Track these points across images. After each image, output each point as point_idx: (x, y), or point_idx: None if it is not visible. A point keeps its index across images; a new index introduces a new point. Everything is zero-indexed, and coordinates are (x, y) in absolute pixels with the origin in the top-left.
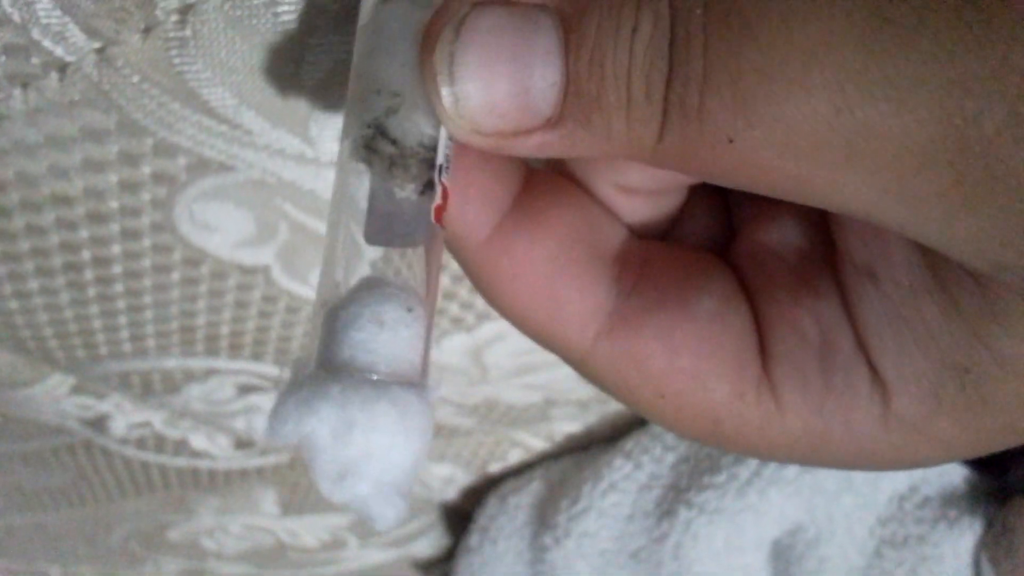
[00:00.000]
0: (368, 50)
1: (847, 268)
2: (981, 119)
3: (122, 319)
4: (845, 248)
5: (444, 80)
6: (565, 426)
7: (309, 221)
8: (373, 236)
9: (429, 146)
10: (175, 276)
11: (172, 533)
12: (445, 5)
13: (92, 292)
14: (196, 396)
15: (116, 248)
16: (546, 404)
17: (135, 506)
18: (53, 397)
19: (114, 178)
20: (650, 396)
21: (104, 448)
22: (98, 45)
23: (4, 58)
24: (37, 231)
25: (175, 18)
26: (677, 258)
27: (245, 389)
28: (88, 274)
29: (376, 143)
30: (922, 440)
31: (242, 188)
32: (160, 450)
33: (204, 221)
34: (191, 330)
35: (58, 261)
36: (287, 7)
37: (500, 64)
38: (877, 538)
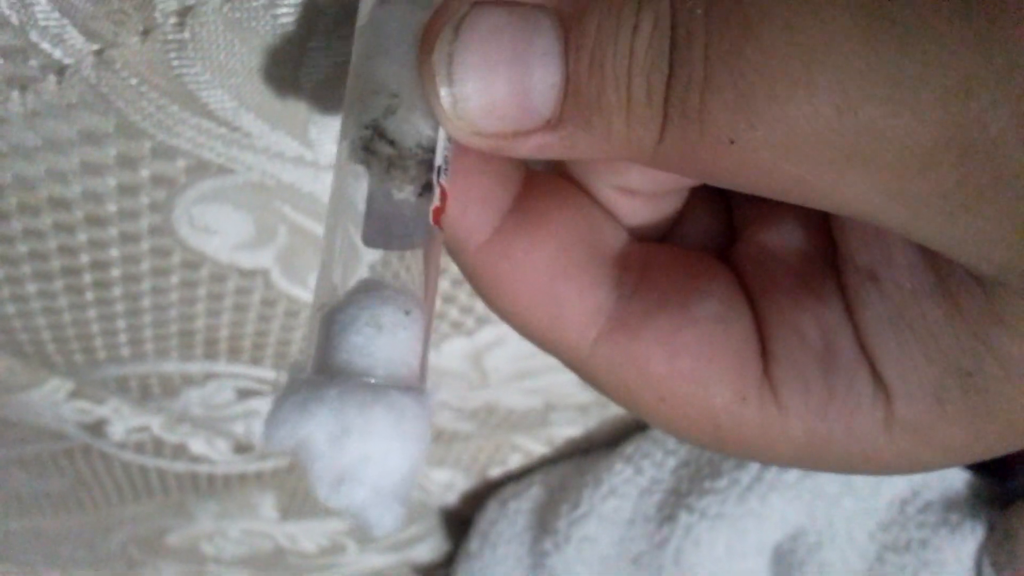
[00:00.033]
0: (366, 51)
1: (849, 270)
2: (985, 120)
3: (120, 323)
4: (846, 250)
5: (443, 81)
6: (565, 430)
7: (308, 224)
8: (371, 238)
9: (427, 147)
10: (174, 279)
11: (171, 538)
12: (444, 5)
13: (90, 296)
14: (195, 400)
15: (114, 252)
16: (546, 408)
17: (134, 511)
18: (51, 401)
19: (112, 181)
20: (651, 399)
21: (103, 453)
22: (96, 47)
23: (2, 60)
24: (35, 234)
25: (174, 20)
26: (678, 260)
27: (244, 393)
28: (86, 278)
29: (374, 144)
30: (925, 444)
31: (241, 191)
32: (159, 454)
33: (203, 224)
34: (190, 334)
35: (56, 265)
36: (286, 9)
37: (499, 65)
38: (878, 543)
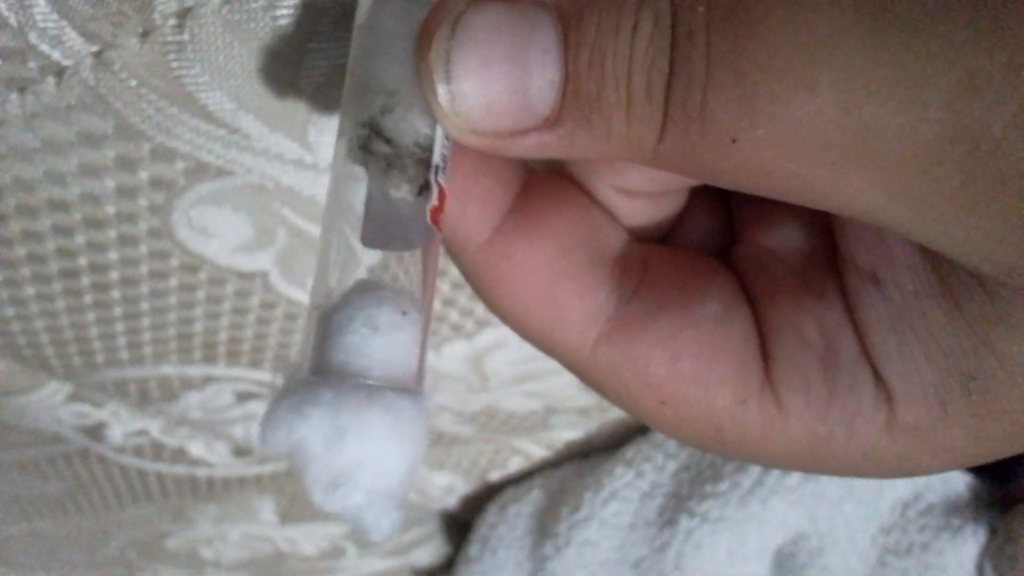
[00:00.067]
0: (363, 49)
1: (850, 271)
2: (990, 119)
3: (119, 326)
4: (848, 251)
5: (440, 78)
6: (566, 434)
7: (308, 226)
8: (370, 239)
9: (425, 146)
10: (172, 282)
11: (170, 542)
12: (442, 2)
13: (89, 299)
14: (194, 404)
15: (113, 254)
16: (546, 412)
17: (133, 515)
18: (50, 405)
19: (111, 183)
20: (651, 402)
21: (101, 456)
22: (95, 49)
23: (1, 62)
24: (34, 237)
25: (173, 22)
26: (678, 261)
27: (243, 396)
28: (85, 280)
29: (371, 143)
30: (927, 447)
31: (240, 193)
32: (158, 458)
33: (202, 226)
34: (189, 337)
35: (55, 267)
36: (285, 11)
37: (497, 62)
38: (880, 546)
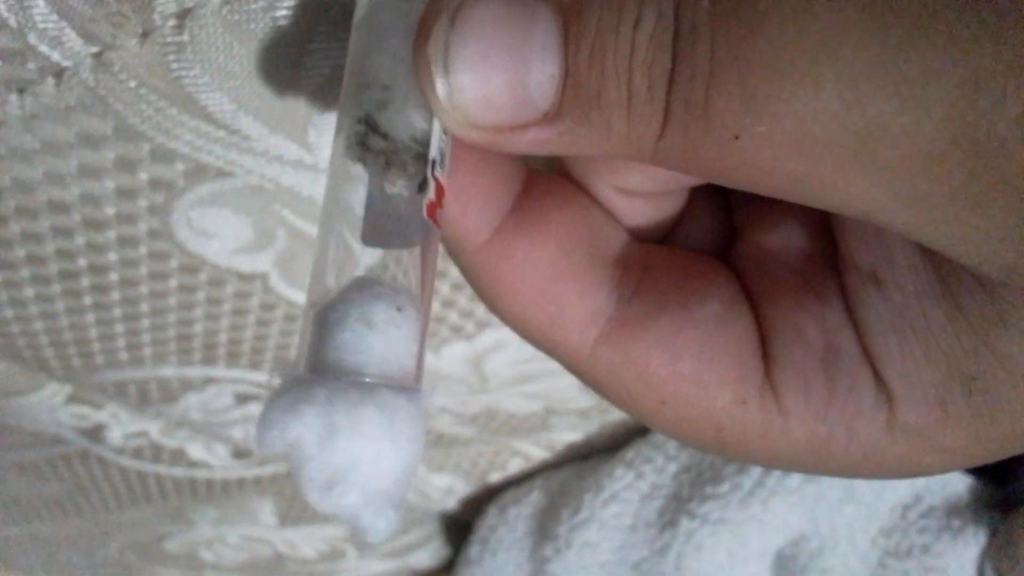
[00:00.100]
0: (360, 46)
1: (850, 271)
2: (994, 117)
3: (119, 327)
4: (848, 251)
5: (439, 70)
6: (565, 435)
7: (308, 228)
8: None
9: (422, 140)
10: (172, 283)
11: (169, 544)
12: None
13: (88, 300)
14: (193, 405)
15: (112, 255)
16: (546, 413)
17: (132, 517)
18: (49, 406)
19: (111, 184)
20: (651, 402)
21: (101, 458)
22: (95, 50)
23: (0, 63)
24: (33, 238)
25: (173, 23)
26: (678, 261)
27: (243, 398)
28: (84, 281)
29: (368, 139)
30: (927, 448)
31: (240, 194)
32: (157, 460)
33: (202, 228)
34: (188, 338)
35: (54, 268)
36: (285, 12)
37: (497, 55)
38: (880, 548)
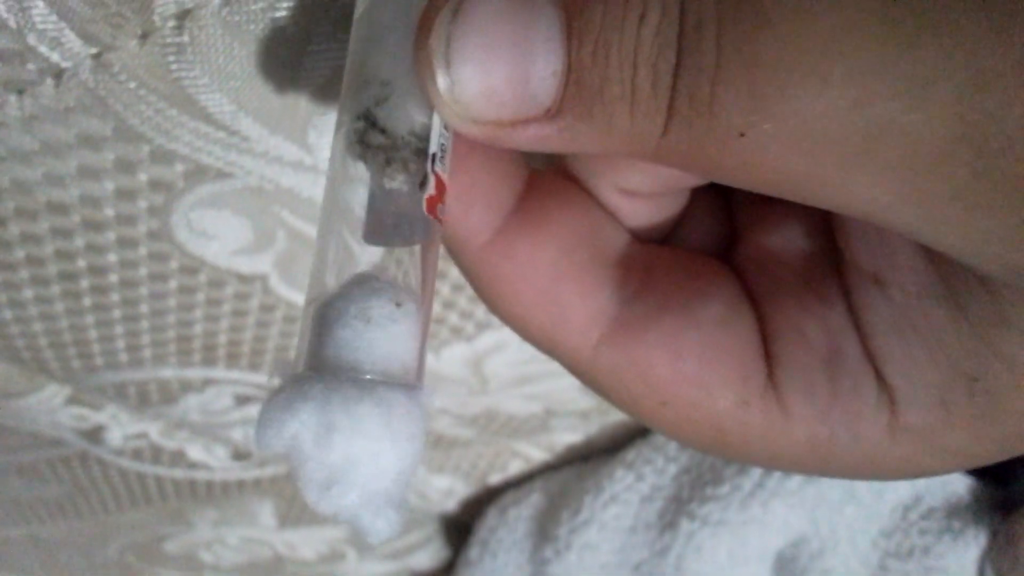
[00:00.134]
0: (360, 42)
1: (852, 273)
2: (1000, 116)
3: (118, 328)
4: (850, 253)
5: (440, 64)
6: (566, 437)
7: (307, 229)
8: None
9: (421, 135)
10: (172, 285)
11: (169, 546)
12: None
13: (88, 301)
14: (193, 407)
15: (112, 257)
16: (546, 415)
17: (131, 518)
18: (48, 408)
19: (110, 185)
20: (653, 404)
21: (100, 459)
22: (94, 51)
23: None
24: (32, 239)
25: (172, 24)
26: (680, 262)
27: (243, 399)
28: (84, 283)
29: (368, 135)
30: (930, 449)
31: (240, 195)
32: (157, 461)
33: (201, 229)
34: (188, 339)
35: (53, 270)
36: (285, 12)
37: (499, 49)
38: (881, 549)
